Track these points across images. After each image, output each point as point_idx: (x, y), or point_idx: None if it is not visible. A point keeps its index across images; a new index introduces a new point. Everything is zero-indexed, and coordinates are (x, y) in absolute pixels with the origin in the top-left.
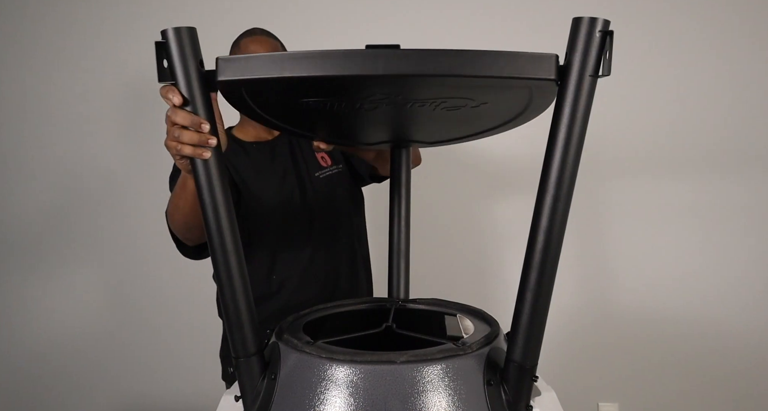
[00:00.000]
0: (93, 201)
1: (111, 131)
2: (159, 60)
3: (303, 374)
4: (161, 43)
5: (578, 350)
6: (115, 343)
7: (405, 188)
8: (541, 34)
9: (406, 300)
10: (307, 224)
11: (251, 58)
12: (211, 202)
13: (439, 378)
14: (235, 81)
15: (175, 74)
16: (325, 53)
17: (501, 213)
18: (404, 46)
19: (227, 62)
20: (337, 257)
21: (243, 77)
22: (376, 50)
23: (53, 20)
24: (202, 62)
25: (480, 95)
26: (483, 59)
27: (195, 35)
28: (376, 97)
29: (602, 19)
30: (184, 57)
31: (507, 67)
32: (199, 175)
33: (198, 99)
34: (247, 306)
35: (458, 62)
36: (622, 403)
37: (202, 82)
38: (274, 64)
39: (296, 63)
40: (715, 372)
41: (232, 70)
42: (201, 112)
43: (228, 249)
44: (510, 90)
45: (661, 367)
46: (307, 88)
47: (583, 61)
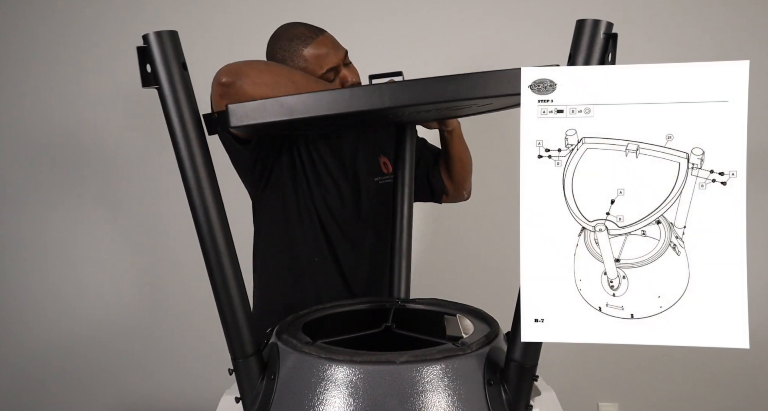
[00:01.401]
0: (95, 201)
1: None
2: (142, 65)
3: (302, 374)
4: (143, 48)
5: (578, 350)
6: (115, 343)
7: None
8: (546, 36)
9: (405, 300)
10: (355, 228)
11: (262, 105)
12: (200, 200)
13: (438, 378)
14: (246, 126)
15: (159, 78)
16: (332, 94)
17: (501, 213)
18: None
19: (238, 109)
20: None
21: (255, 122)
22: (380, 85)
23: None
24: (185, 65)
25: (483, 102)
26: (484, 81)
27: (177, 39)
28: (380, 116)
29: (606, 21)
30: (167, 61)
31: (509, 85)
32: (187, 175)
33: (183, 102)
34: (242, 307)
35: (461, 87)
36: (622, 403)
37: (186, 85)
38: (283, 108)
39: (304, 106)
40: (715, 372)
41: (243, 117)
42: (186, 115)
43: (221, 250)
44: None
45: (661, 367)
46: (314, 121)
47: (586, 64)
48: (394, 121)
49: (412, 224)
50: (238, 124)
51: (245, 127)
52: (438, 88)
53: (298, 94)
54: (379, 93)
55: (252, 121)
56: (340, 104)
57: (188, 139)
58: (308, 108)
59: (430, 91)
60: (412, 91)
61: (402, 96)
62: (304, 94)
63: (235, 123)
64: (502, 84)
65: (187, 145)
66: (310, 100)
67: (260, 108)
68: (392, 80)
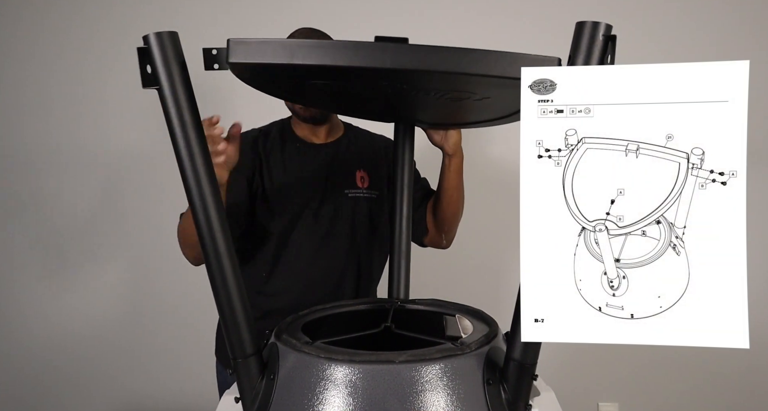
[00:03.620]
0: (92, 204)
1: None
2: (142, 65)
3: (302, 374)
4: (143, 48)
5: (578, 350)
6: (115, 343)
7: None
8: (545, 37)
9: (405, 300)
10: (317, 237)
11: (263, 43)
12: (201, 201)
13: (438, 378)
14: (245, 64)
15: (159, 79)
16: (335, 44)
17: (501, 213)
18: (412, 42)
19: (239, 44)
20: (333, 276)
21: (253, 61)
22: (385, 44)
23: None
24: (185, 65)
25: (482, 90)
26: (488, 59)
27: (177, 39)
28: (382, 85)
29: (605, 23)
30: (167, 61)
31: (510, 68)
32: (187, 175)
33: (183, 102)
34: (242, 307)
35: (464, 60)
36: (622, 403)
37: (186, 85)
38: (284, 50)
39: (307, 51)
40: (715, 372)
41: (243, 54)
42: (186, 116)
43: (221, 251)
44: (512, 88)
45: (661, 367)
46: (315, 74)
47: (586, 65)
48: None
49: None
50: (238, 61)
51: (244, 67)
52: (442, 57)
53: (302, 39)
54: (382, 51)
55: (252, 59)
56: (342, 56)
57: (188, 139)
58: (309, 54)
59: (432, 58)
60: (415, 55)
61: (404, 58)
62: (308, 40)
63: (234, 59)
64: (506, 65)
65: (187, 146)
66: (312, 47)
67: (262, 47)
68: None
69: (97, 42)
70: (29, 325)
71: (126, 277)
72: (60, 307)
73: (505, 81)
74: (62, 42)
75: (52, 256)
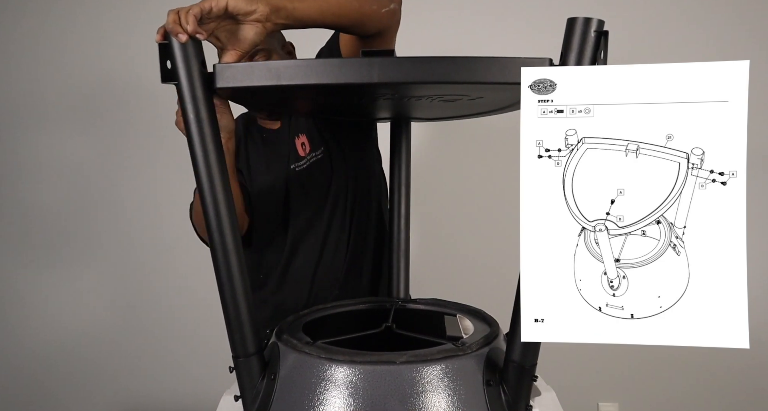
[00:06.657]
0: (94, 202)
1: (112, 132)
2: (162, 61)
3: (302, 374)
4: (164, 44)
5: (578, 350)
6: (115, 343)
7: (405, 185)
8: (537, 34)
9: (405, 300)
10: (282, 223)
11: (250, 67)
12: (212, 198)
13: (438, 378)
14: (233, 88)
15: (178, 75)
16: (321, 62)
17: (501, 212)
18: (400, 50)
19: (225, 70)
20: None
21: (241, 85)
22: (371, 59)
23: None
24: (204, 63)
25: (476, 93)
26: (476, 66)
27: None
28: (374, 95)
29: (597, 19)
30: (187, 58)
31: (500, 73)
32: (200, 172)
33: (200, 99)
34: (246, 305)
35: (452, 69)
36: (622, 403)
37: (205, 82)
38: (270, 72)
39: (293, 72)
40: (715, 372)
41: (230, 79)
42: (203, 113)
43: (228, 248)
44: (505, 89)
45: (661, 367)
46: (303, 92)
47: (578, 62)
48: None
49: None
50: (225, 86)
51: (231, 91)
52: (430, 68)
53: (287, 60)
54: (369, 67)
55: (239, 83)
56: (328, 74)
57: (203, 136)
58: (295, 75)
59: (420, 70)
60: (403, 68)
61: (392, 72)
62: (293, 61)
63: (221, 84)
64: (496, 71)
65: (201, 143)
66: (297, 67)
67: (248, 70)
68: None
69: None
70: (29, 325)
71: (127, 278)
72: (60, 307)
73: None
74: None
75: (52, 255)
